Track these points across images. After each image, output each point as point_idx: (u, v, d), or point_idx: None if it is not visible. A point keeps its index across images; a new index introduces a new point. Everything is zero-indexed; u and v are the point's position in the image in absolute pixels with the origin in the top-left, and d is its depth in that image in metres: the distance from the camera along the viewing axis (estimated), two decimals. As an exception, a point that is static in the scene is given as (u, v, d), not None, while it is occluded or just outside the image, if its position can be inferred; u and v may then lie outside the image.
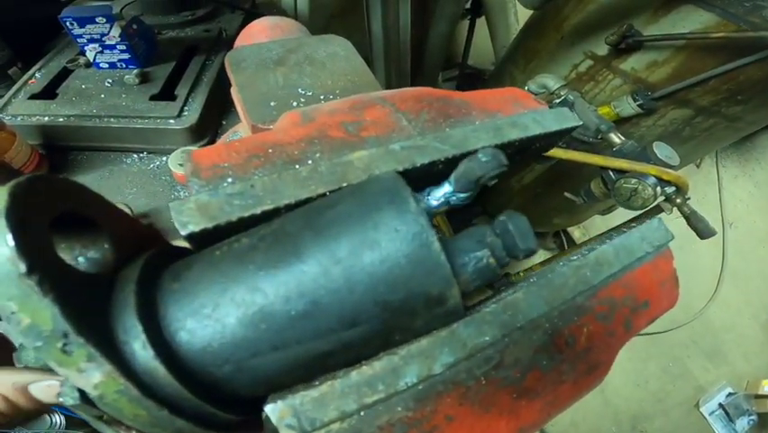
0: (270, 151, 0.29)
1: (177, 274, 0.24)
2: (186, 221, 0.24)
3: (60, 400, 0.21)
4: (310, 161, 0.29)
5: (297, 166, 0.28)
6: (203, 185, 0.26)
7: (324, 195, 0.27)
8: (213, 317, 0.22)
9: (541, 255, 2.52)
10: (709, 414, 2.17)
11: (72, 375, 0.20)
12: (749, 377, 2.31)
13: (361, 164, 0.29)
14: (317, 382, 0.25)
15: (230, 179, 0.27)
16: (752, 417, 2.14)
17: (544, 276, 0.30)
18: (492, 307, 0.27)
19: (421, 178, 0.33)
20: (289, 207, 0.26)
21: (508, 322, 0.27)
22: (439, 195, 0.26)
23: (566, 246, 2.46)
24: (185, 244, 0.27)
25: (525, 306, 0.28)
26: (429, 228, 0.22)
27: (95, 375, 0.20)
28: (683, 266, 2.61)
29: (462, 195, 0.26)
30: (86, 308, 0.21)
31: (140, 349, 0.21)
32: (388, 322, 0.23)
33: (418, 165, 0.30)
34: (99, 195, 0.25)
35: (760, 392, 2.16)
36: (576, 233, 2.41)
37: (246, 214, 0.25)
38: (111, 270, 0.24)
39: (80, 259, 0.24)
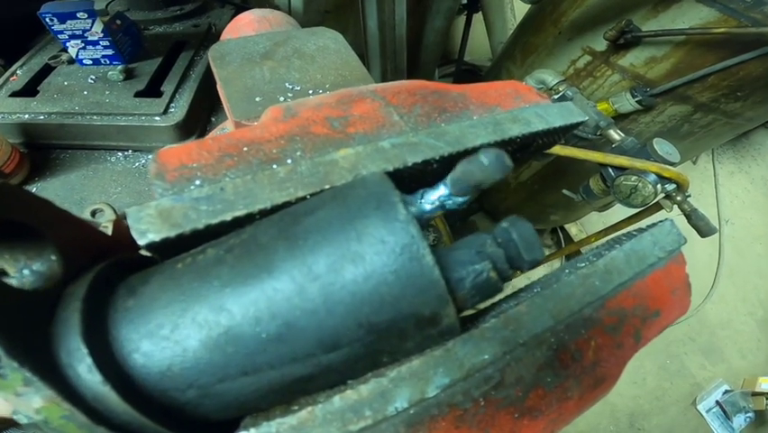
0: (246, 149, 0.26)
1: (132, 290, 0.22)
2: (144, 229, 0.21)
3: (14, 417, 0.19)
4: (289, 161, 0.26)
5: (275, 166, 0.26)
6: (167, 188, 0.23)
7: (303, 198, 0.24)
8: (172, 338, 0.20)
9: (538, 253, 2.50)
10: (706, 411, 2.17)
11: (11, 399, 0.18)
12: (746, 374, 2.31)
13: (347, 164, 0.26)
14: (296, 407, 0.22)
15: (198, 182, 0.24)
16: (749, 414, 2.14)
17: (549, 286, 0.27)
18: (492, 322, 0.25)
19: (414, 178, 0.30)
20: (264, 213, 0.23)
21: (510, 338, 0.25)
22: (433, 198, 0.23)
23: (563, 243, 2.45)
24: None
25: (528, 320, 0.25)
26: (420, 239, 0.20)
27: (34, 400, 0.18)
28: (680, 263, 2.61)
29: (460, 199, 0.23)
30: (24, 329, 0.19)
31: (85, 373, 0.19)
32: (373, 345, 0.21)
33: (410, 164, 0.27)
34: (46, 200, 0.22)
35: (757, 390, 2.16)
36: (573, 229, 2.40)
37: (214, 221, 0.22)
38: (59, 283, 0.21)
39: (25, 272, 0.21)
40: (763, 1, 1.06)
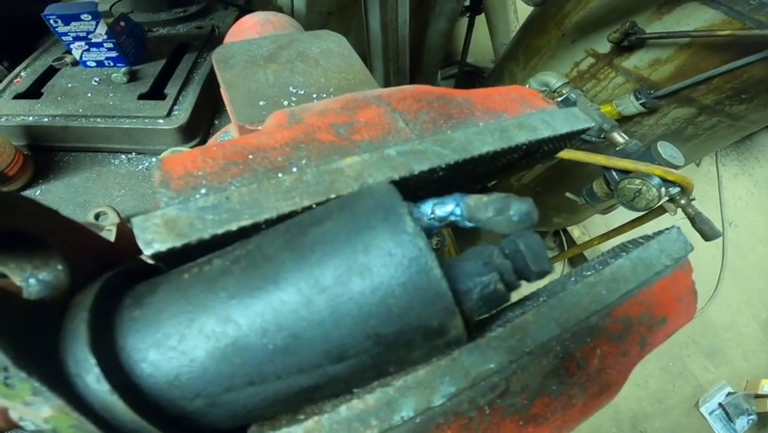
0: (251, 157, 0.26)
1: (139, 300, 0.22)
2: (150, 239, 0.21)
3: (21, 423, 0.19)
4: (295, 169, 0.26)
5: (281, 174, 0.25)
6: (172, 197, 0.23)
7: (309, 208, 0.24)
8: (179, 349, 0.20)
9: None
10: (709, 414, 2.16)
11: (19, 409, 0.18)
12: (749, 376, 2.30)
13: (353, 172, 0.26)
14: (302, 417, 0.22)
15: (203, 190, 0.24)
16: (751, 416, 2.13)
17: (554, 295, 0.27)
18: (498, 331, 0.25)
19: (420, 186, 0.30)
20: (270, 223, 0.23)
21: (516, 347, 0.25)
22: (444, 214, 0.23)
23: (566, 246, 2.44)
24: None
25: (535, 329, 0.25)
26: (428, 252, 0.19)
27: (43, 409, 0.18)
28: (684, 266, 2.60)
29: (470, 224, 0.23)
30: (32, 339, 0.19)
31: (93, 383, 0.19)
32: (380, 356, 0.20)
33: (417, 173, 0.27)
34: (51, 209, 0.22)
35: (759, 392, 2.15)
36: (576, 232, 2.39)
37: (220, 231, 0.22)
38: (65, 293, 0.21)
39: (32, 281, 0.21)
40: (767, 3, 1.05)
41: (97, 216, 0.69)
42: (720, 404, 2.18)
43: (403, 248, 0.20)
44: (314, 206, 0.24)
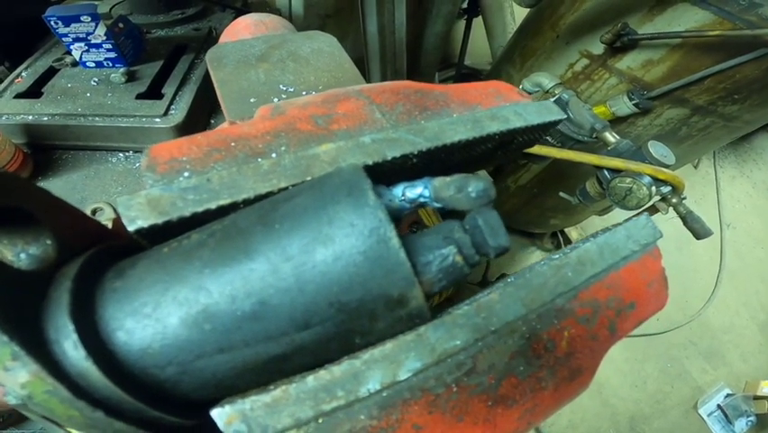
0: (233, 144, 0.28)
1: (121, 272, 0.23)
2: (134, 216, 0.23)
3: (4, 399, 0.20)
4: (274, 155, 0.27)
5: (260, 159, 0.27)
6: (157, 179, 0.25)
7: (285, 189, 0.26)
8: (153, 316, 0.21)
9: (538, 256, 2.51)
10: (708, 415, 2.16)
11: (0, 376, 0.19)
12: (747, 378, 2.29)
13: (328, 157, 0.27)
14: (272, 387, 0.24)
15: (186, 174, 0.25)
16: (750, 418, 2.12)
17: (521, 276, 0.28)
18: (464, 309, 0.26)
19: (394, 172, 0.31)
20: (248, 202, 0.25)
21: (482, 325, 0.26)
22: (414, 195, 0.24)
23: (563, 247, 2.44)
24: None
25: (500, 308, 0.27)
26: (388, 223, 0.21)
27: (21, 374, 0.19)
28: (681, 267, 2.60)
29: (438, 204, 0.24)
30: (16, 306, 0.20)
31: (70, 349, 0.20)
32: (344, 324, 0.22)
33: (389, 158, 0.28)
34: (44, 189, 0.23)
35: (758, 393, 2.15)
36: (573, 233, 2.40)
37: (200, 209, 0.24)
38: (53, 266, 0.23)
39: (22, 255, 0.23)
40: (757, 3, 1.07)
41: (94, 212, 0.70)
42: (719, 406, 2.17)
43: (364, 219, 0.21)
44: (290, 187, 0.26)
